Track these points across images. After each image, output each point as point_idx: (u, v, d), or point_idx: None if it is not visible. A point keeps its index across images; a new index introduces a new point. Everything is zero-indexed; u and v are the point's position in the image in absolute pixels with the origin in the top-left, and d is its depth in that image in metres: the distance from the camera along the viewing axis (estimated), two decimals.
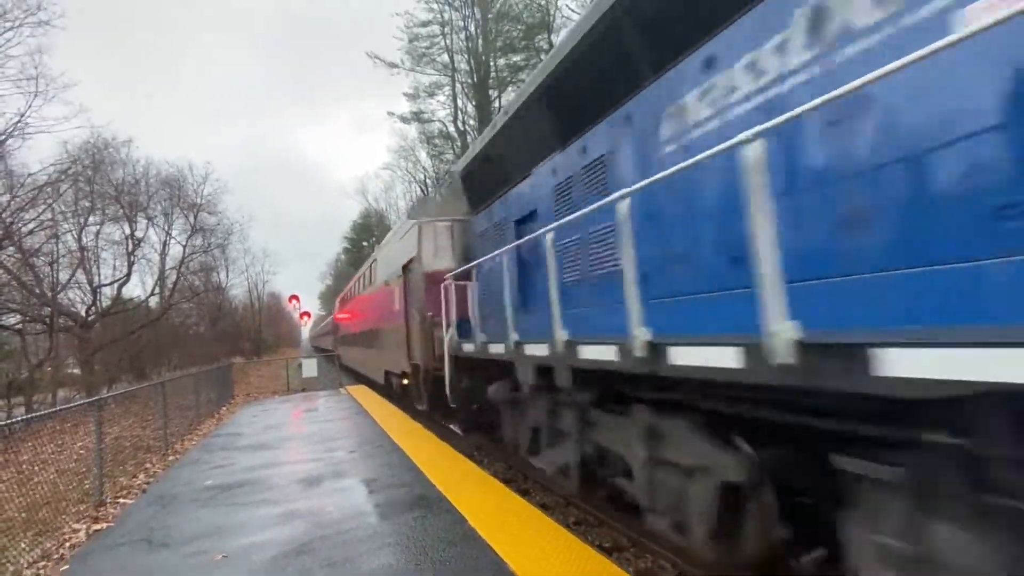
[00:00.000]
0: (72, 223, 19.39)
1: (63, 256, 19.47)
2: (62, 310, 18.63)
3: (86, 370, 18.73)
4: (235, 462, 7.19)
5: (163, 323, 25.00)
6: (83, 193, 19.27)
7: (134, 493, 6.21)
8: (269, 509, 5.03)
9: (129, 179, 22.39)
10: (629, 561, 4.35)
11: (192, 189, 26.86)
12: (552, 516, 4.58)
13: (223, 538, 4.36)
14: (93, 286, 21.01)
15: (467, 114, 29.89)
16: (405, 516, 4.51)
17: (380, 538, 4.06)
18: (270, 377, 24.94)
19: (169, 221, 26.04)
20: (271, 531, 4.41)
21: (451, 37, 28.72)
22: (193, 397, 11.46)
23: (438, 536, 4.01)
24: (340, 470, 6.29)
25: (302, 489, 5.61)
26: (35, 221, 16.92)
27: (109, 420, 8.12)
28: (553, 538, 3.82)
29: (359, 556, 3.75)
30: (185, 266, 26.75)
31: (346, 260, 64.50)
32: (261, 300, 52.35)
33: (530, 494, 6.07)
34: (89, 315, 20.27)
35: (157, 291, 25.78)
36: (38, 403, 15.15)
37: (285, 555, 3.88)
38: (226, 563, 3.86)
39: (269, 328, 57.26)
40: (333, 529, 4.32)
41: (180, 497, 5.72)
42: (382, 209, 50.36)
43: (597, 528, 5.04)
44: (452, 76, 29.52)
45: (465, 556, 3.62)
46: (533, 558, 3.50)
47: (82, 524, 5.15)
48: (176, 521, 4.91)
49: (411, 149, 36.69)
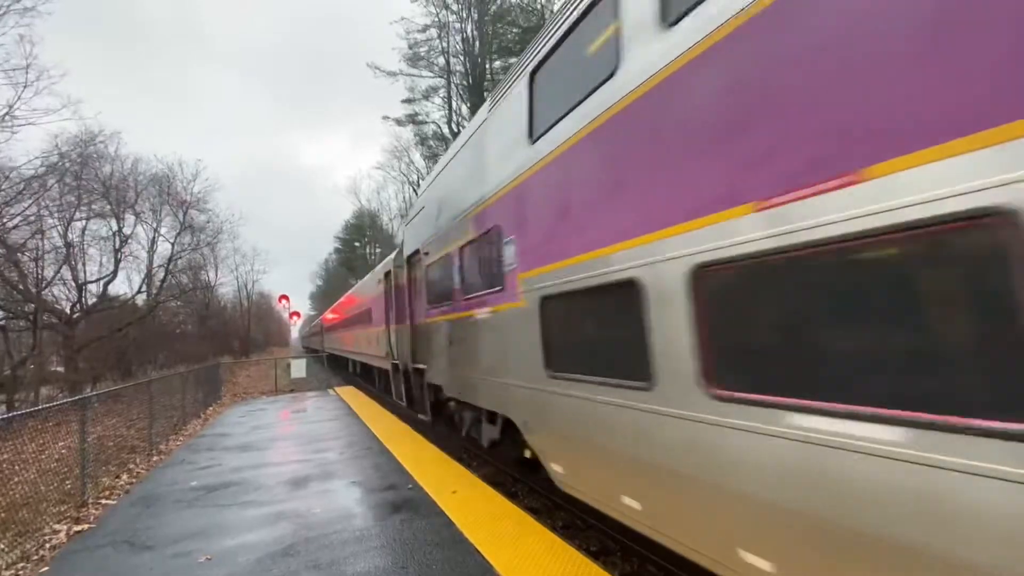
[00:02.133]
0: (58, 218, 19.10)
1: (48, 252, 19.16)
2: (46, 307, 18.32)
3: (70, 368, 18.43)
4: (221, 463, 7.12)
5: (150, 321, 24.68)
6: (70, 188, 18.98)
7: (117, 494, 6.12)
8: (255, 510, 4.98)
9: (117, 175, 22.08)
10: (616, 565, 4.36)
11: (182, 186, 26.56)
12: (540, 520, 4.58)
13: (208, 540, 4.31)
14: (79, 283, 20.69)
15: (461, 115, 29.92)
16: (392, 518, 4.49)
17: (367, 540, 4.04)
18: (259, 377, 24.72)
19: (158, 218, 25.74)
20: (257, 533, 4.38)
21: (447, 40, 28.80)
22: (180, 397, 11.32)
23: (425, 539, 4.00)
24: (327, 471, 6.25)
25: (289, 490, 5.57)
26: (20, 216, 16.63)
27: (92, 419, 7.99)
28: (540, 541, 3.83)
29: (345, 558, 3.73)
30: (173, 264, 26.45)
31: (337, 260, 64.12)
32: (250, 299, 51.86)
33: (518, 497, 6.07)
34: (74, 312, 19.96)
35: (144, 289, 25.47)
36: (20, 401, 14.86)
37: (271, 556, 3.85)
38: (210, 565, 3.82)
39: (258, 328, 56.70)
40: (319, 531, 4.30)
41: (164, 498, 5.65)
42: (374, 209, 50.23)
43: (584, 532, 5.05)
44: (448, 78, 29.57)
45: (452, 559, 3.62)
46: (520, 561, 3.51)
47: (63, 525, 5.06)
48: (160, 522, 4.85)
49: (405, 150, 36.68)
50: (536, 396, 4.22)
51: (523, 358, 4.38)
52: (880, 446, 1.76)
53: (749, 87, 2.27)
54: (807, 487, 2.01)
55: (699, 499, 2.60)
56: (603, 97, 3.25)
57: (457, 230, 5.99)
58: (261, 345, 55.66)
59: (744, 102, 2.29)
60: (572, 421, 3.74)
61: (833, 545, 1.94)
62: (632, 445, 3.07)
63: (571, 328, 3.84)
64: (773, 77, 2.16)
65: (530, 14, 25.00)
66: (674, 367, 2.68)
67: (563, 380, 3.78)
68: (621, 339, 3.16)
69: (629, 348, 3.01)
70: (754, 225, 2.20)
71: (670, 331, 2.69)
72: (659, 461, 2.85)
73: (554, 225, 3.91)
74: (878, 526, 1.78)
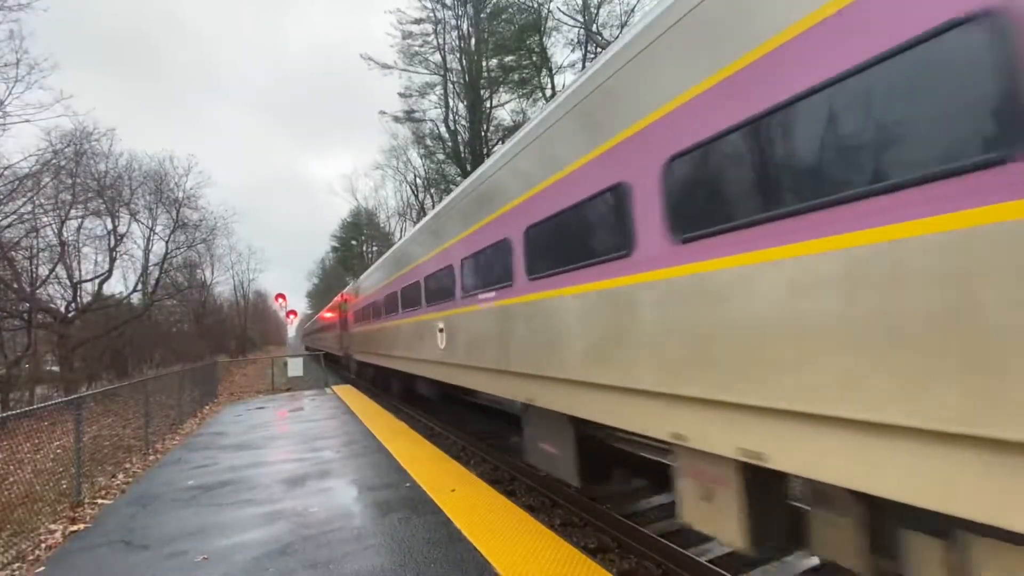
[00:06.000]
0: (52, 217, 18.96)
1: (43, 251, 19.04)
2: (41, 306, 18.21)
3: (65, 367, 18.33)
4: (218, 462, 7.09)
5: (146, 320, 24.55)
6: (64, 186, 18.85)
7: (113, 493, 6.09)
8: (252, 509, 4.97)
9: (112, 173, 21.92)
10: (614, 562, 4.37)
11: (174, 182, 26.31)
12: (538, 517, 4.59)
13: (204, 539, 4.30)
14: (73, 282, 20.56)
15: (458, 114, 29.85)
16: (390, 517, 4.48)
17: (364, 539, 4.03)
18: (255, 376, 24.66)
19: (153, 216, 25.57)
20: (254, 532, 4.36)
21: (443, 36, 28.69)
22: (176, 396, 11.27)
23: (423, 537, 3.99)
24: (325, 470, 6.24)
25: (286, 489, 5.56)
26: (14, 214, 16.50)
27: (88, 419, 7.96)
28: (539, 539, 3.83)
29: (343, 557, 3.72)
30: (168, 262, 26.28)
31: (334, 259, 63.92)
32: (247, 298, 51.69)
33: (516, 495, 6.07)
34: (69, 311, 19.84)
35: (140, 287, 25.33)
36: (14, 401, 14.78)
37: (268, 555, 3.84)
38: (207, 564, 3.80)
39: (255, 326, 56.52)
40: (317, 530, 4.29)
41: (161, 497, 5.63)
42: (372, 208, 50.07)
43: (582, 529, 5.06)
44: (444, 75, 29.45)
45: (450, 557, 3.61)
46: (518, 559, 3.51)
47: (59, 525, 5.03)
48: (156, 522, 4.83)
49: (402, 149, 36.53)
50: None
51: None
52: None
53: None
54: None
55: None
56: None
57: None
58: (258, 344, 55.50)
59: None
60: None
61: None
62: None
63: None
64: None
65: (527, 12, 24.93)
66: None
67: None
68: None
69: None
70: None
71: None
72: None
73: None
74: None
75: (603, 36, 21.86)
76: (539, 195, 4.40)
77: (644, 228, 3.18)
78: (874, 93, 1.97)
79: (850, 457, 2.10)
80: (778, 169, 2.36)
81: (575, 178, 3.87)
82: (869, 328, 1.99)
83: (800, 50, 2.21)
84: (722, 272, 2.64)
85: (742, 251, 2.53)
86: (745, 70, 2.47)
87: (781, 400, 2.35)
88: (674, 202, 2.94)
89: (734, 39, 2.51)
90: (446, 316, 7.07)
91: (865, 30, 1.98)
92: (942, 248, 1.77)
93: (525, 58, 25.75)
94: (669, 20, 2.94)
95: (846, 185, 2.07)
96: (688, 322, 2.87)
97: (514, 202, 4.89)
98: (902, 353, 1.89)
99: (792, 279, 2.28)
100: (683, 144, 2.84)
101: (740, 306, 2.54)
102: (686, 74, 2.82)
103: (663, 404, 3.11)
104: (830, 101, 2.12)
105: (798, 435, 2.31)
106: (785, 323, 2.32)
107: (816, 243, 2.18)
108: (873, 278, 1.97)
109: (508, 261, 5.00)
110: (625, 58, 3.33)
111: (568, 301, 4.03)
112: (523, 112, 26.80)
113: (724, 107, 2.58)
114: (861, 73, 2.00)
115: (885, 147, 1.96)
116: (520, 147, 4.81)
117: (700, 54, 2.72)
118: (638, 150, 3.20)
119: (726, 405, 2.66)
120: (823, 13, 2.12)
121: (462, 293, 6.42)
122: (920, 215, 1.84)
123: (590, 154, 3.69)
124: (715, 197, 2.68)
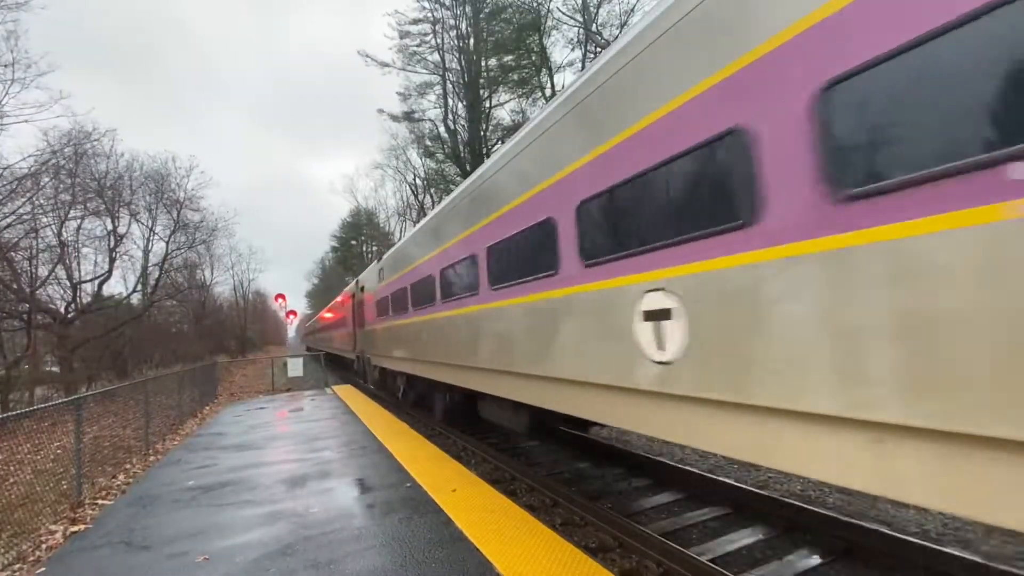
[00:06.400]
0: (52, 217, 18.93)
1: (42, 251, 19.01)
2: (41, 306, 18.19)
3: (65, 368, 18.31)
4: (218, 462, 7.09)
5: (145, 320, 24.53)
6: (64, 186, 18.82)
7: (114, 494, 6.09)
8: (253, 510, 4.96)
9: (113, 173, 21.89)
10: (614, 561, 4.37)
11: (175, 183, 26.31)
12: (539, 517, 4.59)
13: (205, 539, 4.30)
14: (73, 282, 20.53)
15: (457, 114, 29.82)
16: (391, 517, 4.48)
17: (365, 539, 4.03)
18: (255, 376, 24.67)
19: (152, 216, 25.55)
20: (254, 532, 4.36)
21: (442, 36, 28.65)
22: (176, 396, 11.27)
23: (424, 537, 3.99)
24: (325, 470, 6.24)
25: (286, 490, 5.55)
26: (14, 215, 16.48)
27: (88, 419, 7.95)
28: (540, 539, 3.83)
29: (344, 557, 3.72)
30: (168, 263, 26.26)
31: (334, 259, 63.92)
32: (247, 298, 51.69)
33: (517, 495, 6.07)
34: (69, 312, 19.82)
35: (139, 288, 25.32)
36: (14, 401, 14.77)
37: (268, 556, 3.84)
38: (208, 565, 3.80)
39: (255, 326, 56.51)
40: (318, 530, 4.29)
41: (161, 498, 5.62)
42: (371, 207, 50.07)
43: (583, 528, 5.05)
44: (443, 75, 29.41)
45: (451, 558, 3.61)
46: (519, 559, 3.51)
47: (59, 525, 5.03)
48: (157, 522, 4.83)
49: (402, 149, 36.49)
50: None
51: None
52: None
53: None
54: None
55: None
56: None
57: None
58: (258, 344, 55.48)
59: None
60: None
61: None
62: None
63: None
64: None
65: (525, 12, 24.90)
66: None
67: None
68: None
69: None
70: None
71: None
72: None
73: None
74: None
75: (603, 36, 21.84)
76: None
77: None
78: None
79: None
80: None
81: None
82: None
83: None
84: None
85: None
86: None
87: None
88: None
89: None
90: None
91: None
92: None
93: (524, 58, 25.73)
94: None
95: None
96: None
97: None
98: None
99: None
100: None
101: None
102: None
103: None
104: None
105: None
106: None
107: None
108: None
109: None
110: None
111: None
112: (523, 112, 26.79)
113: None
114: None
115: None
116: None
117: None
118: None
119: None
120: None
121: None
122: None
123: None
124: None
